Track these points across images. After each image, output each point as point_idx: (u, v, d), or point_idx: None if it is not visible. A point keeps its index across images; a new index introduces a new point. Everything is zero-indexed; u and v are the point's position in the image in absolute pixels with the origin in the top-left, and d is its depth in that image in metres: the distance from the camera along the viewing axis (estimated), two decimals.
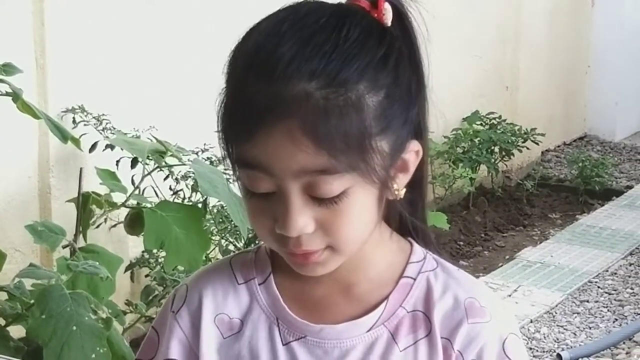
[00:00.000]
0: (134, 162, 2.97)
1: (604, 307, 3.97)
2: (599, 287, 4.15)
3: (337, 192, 1.01)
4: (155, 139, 2.90)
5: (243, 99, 1.00)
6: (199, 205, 3.09)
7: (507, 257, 4.57)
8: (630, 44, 6.48)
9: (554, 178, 5.77)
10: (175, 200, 3.18)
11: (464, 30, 5.22)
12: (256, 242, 2.94)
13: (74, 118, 3.17)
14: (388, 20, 1.05)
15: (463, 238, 4.80)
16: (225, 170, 2.65)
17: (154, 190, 3.07)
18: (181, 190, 3.27)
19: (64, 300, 2.14)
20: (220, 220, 3.38)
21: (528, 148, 5.38)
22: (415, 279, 1.12)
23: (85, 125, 3.16)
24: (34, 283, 2.39)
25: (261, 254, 1.17)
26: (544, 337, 3.70)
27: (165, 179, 3.14)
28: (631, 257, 4.50)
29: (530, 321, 3.80)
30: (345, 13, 1.03)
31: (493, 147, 5.15)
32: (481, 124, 5.27)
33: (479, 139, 5.09)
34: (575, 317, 3.87)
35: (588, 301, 4.02)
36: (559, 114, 6.30)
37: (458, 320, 1.10)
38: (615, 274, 4.31)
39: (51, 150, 3.16)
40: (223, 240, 3.37)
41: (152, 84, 3.54)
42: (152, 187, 3.04)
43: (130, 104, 3.38)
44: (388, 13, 1.05)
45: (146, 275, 3.33)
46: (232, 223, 3.31)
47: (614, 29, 6.41)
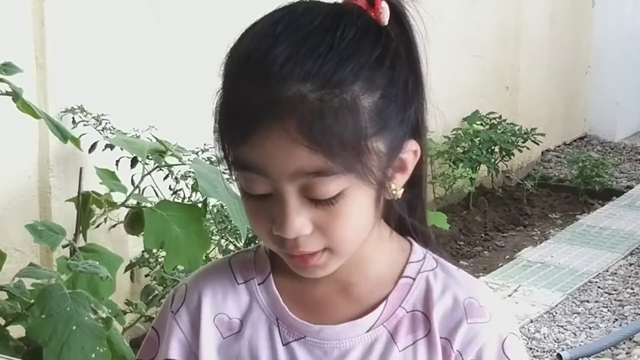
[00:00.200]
0: (134, 162, 2.97)
1: (604, 307, 3.97)
2: (599, 287, 4.15)
3: (334, 194, 1.00)
4: (155, 138, 2.90)
5: (239, 101, 1.00)
6: (199, 204, 3.09)
7: (507, 257, 4.56)
8: (630, 44, 6.48)
9: (554, 178, 5.76)
10: (175, 200, 3.18)
11: (464, 30, 5.22)
12: (256, 242, 2.94)
13: (73, 118, 3.17)
14: (385, 19, 1.04)
15: (463, 238, 4.80)
16: (225, 170, 2.64)
17: (154, 190, 3.07)
18: (181, 190, 3.27)
19: (63, 300, 2.14)
20: (220, 220, 3.38)
21: (528, 148, 5.38)
22: (414, 279, 1.12)
23: (84, 125, 3.16)
24: (34, 283, 2.39)
25: (260, 254, 1.17)
26: (544, 337, 3.70)
27: (165, 178, 3.13)
28: (631, 257, 4.50)
29: (530, 321, 3.80)
30: (340, 13, 1.03)
31: (493, 147, 5.15)
32: (481, 124, 5.26)
33: (479, 139, 5.08)
34: (576, 317, 3.87)
35: (588, 301, 4.01)
36: (559, 114, 6.29)
37: (457, 320, 1.10)
38: (616, 274, 4.30)
39: (51, 150, 3.16)
40: (223, 240, 3.37)
41: (152, 84, 3.53)
42: (152, 187, 3.04)
43: (129, 104, 3.37)
44: (385, 12, 1.04)
45: (146, 275, 3.33)
46: (232, 223, 3.31)
47: (614, 29, 6.40)
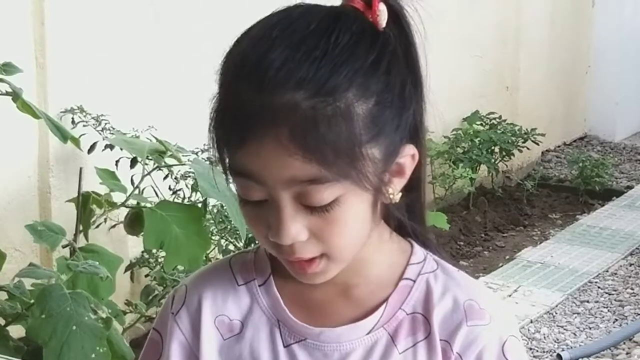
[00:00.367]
0: (134, 162, 2.97)
1: (604, 308, 3.96)
2: (599, 288, 4.15)
3: (329, 201, 1.00)
4: (155, 138, 2.90)
5: (233, 107, 1.00)
6: (199, 205, 3.09)
7: (507, 258, 4.56)
8: (630, 45, 6.48)
9: (554, 178, 5.76)
10: (175, 200, 3.18)
11: (464, 30, 5.22)
12: (256, 242, 2.94)
13: (72, 118, 3.17)
14: (382, 21, 1.03)
15: (463, 238, 4.80)
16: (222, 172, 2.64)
17: (154, 190, 3.07)
18: (181, 190, 3.27)
19: (63, 300, 2.14)
20: (220, 220, 3.38)
21: (528, 148, 5.38)
22: (415, 281, 1.12)
23: (84, 125, 3.15)
24: (34, 283, 2.39)
25: (261, 255, 1.16)
26: (544, 338, 3.70)
27: (165, 178, 3.13)
28: (631, 258, 4.49)
29: (531, 321, 3.80)
30: (336, 16, 1.02)
31: (493, 147, 5.15)
32: (481, 124, 5.26)
33: (479, 139, 5.08)
34: (576, 318, 3.86)
35: (588, 301, 4.01)
36: (559, 114, 6.29)
37: (457, 323, 1.09)
38: (616, 274, 4.30)
39: (51, 150, 3.16)
40: (223, 240, 3.37)
41: (152, 84, 3.53)
42: (152, 187, 3.04)
43: (129, 104, 3.37)
44: (383, 14, 1.03)
45: (146, 275, 3.32)
46: (232, 223, 3.31)
47: (614, 30, 6.40)
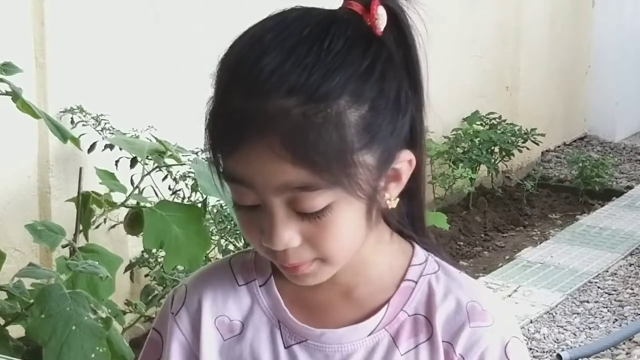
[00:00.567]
0: (133, 162, 2.97)
1: (604, 308, 3.96)
2: (599, 288, 4.15)
3: (320, 207, 0.99)
4: (155, 138, 2.90)
5: (225, 113, 0.99)
6: (199, 205, 3.09)
7: (507, 258, 4.56)
8: (630, 45, 6.48)
9: (554, 178, 5.76)
10: (175, 200, 3.18)
11: (464, 30, 5.22)
12: None
13: (72, 118, 3.17)
14: (381, 25, 1.02)
15: (463, 238, 4.80)
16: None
17: (154, 190, 3.07)
18: (180, 190, 3.27)
19: (63, 300, 2.14)
20: (220, 220, 3.38)
21: (528, 148, 5.38)
22: (416, 282, 1.11)
23: (83, 125, 3.15)
24: (34, 282, 2.39)
25: (261, 255, 1.16)
26: (544, 338, 3.69)
27: (165, 178, 3.13)
28: (631, 258, 4.49)
29: (530, 321, 3.80)
30: (331, 21, 1.01)
31: (493, 148, 5.15)
32: (481, 124, 5.26)
33: (479, 139, 5.08)
34: (575, 318, 3.86)
35: (588, 301, 4.01)
36: (559, 114, 6.29)
37: (460, 324, 1.09)
38: (615, 274, 4.30)
39: (51, 150, 3.16)
40: (223, 240, 3.37)
41: (152, 84, 3.53)
42: (152, 187, 3.04)
43: (129, 104, 3.37)
44: (381, 18, 1.02)
45: (146, 275, 3.32)
46: (232, 223, 3.32)
47: (614, 30, 6.40)
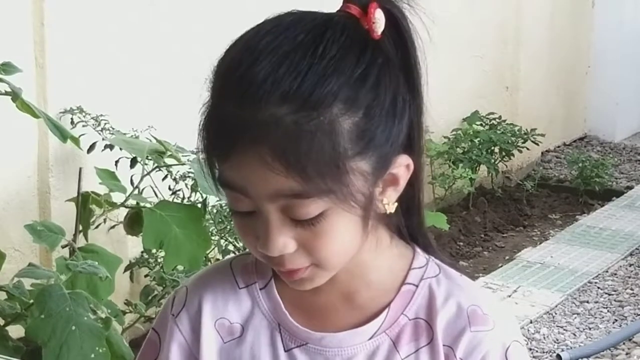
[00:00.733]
0: (133, 162, 2.96)
1: (604, 308, 3.96)
2: (598, 288, 4.15)
3: (314, 214, 0.99)
4: (155, 138, 2.90)
5: (218, 120, 0.99)
6: (199, 205, 3.09)
7: (507, 258, 4.56)
8: (630, 44, 6.47)
9: (554, 178, 5.76)
10: (175, 200, 3.18)
11: (464, 30, 5.21)
12: None
13: (72, 119, 3.16)
14: (378, 29, 1.01)
15: (463, 238, 4.80)
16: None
17: (153, 190, 3.07)
18: (180, 190, 3.27)
19: (63, 300, 2.14)
20: (220, 220, 3.38)
21: (528, 148, 5.37)
22: (417, 286, 1.11)
23: (83, 126, 3.15)
24: (33, 283, 2.39)
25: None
26: (544, 338, 3.69)
27: (164, 178, 3.13)
28: (631, 258, 4.49)
29: (530, 322, 3.80)
30: (327, 26, 0.99)
31: (493, 148, 5.14)
32: (481, 125, 5.26)
33: (479, 139, 5.08)
34: (575, 318, 3.86)
35: (588, 302, 4.01)
36: (559, 115, 6.29)
37: (461, 328, 1.09)
38: (615, 274, 4.30)
39: (50, 150, 3.16)
40: (223, 240, 3.37)
41: (151, 84, 3.53)
42: (152, 187, 3.04)
43: (128, 104, 3.37)
44: (379, 21, 1.01)
45: (145, 275, 3.32)
46: (232, 223, 3.31)
47: (614, 30, 6.40)
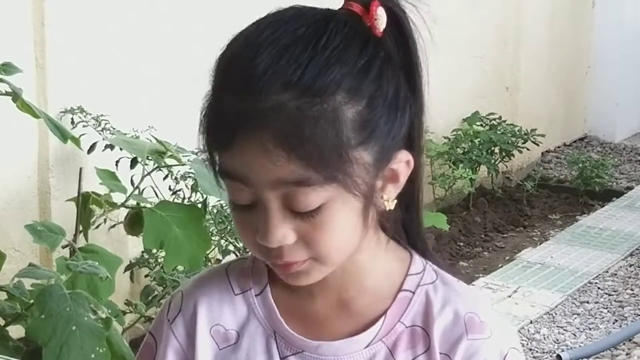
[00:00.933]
0: (134, 162, 2.96)
1: (604, 308, 3.96)
2: (599, 288, 4.15)
3: (315, 205, 0.99)
4: (155, 138, 2.90)
5: (219, 110, 1.00)
6: (199, 205, 3.09)
7: (507, 258, 4.56)
8: (630, 45, 6.48)
9: (554, 179, 5.76)
10: (175, 201, 3.18)
11: (464, 31, 5.21)
12: None
13: (72, 119, 3.16)
14: (381, 26, 1.02)
15: (463, 239, 4.80)
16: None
17: (154, 190, 3.07)
18: (180, 190, 3.27)
19: (63, 300, 2.14)
20: (220, 220, 3.38)
21: (528, 149, 5.37)
22: (414, 293, 1.11)
23: (84, 126, 3.15)
24: (34, 283, 2.39)
25: (258, 263, 1.14)
26: (544, 338, 3.69)
27: (165, 179, 3.13)
28: (631, 258, 4.49)
29: (530, 322, 3.80)
30: (329, 19, 1.00)
31: (493, 148, 5.14)
32: (481, 125, 5.26)
33: (479, 139, 5.08)
34: (575, 318, 3.86)
35: (588, 302, 4.01)
36: (559, 115, 6.29)
37: (458, 336, 1.08)
38: (615, 275, 4.30)
39: (51, 150, 3.16)
40: (223, 240, 3.37)
41: (152, 84, 3.53)
42: (152, 187, 3.04)
43: (129, 104, 3.37)
44: (381, 19, 1.01)
45: (146, 276, 3.32)
46: (232, 223, 3.31)
47: (614, 30, 6.40)
